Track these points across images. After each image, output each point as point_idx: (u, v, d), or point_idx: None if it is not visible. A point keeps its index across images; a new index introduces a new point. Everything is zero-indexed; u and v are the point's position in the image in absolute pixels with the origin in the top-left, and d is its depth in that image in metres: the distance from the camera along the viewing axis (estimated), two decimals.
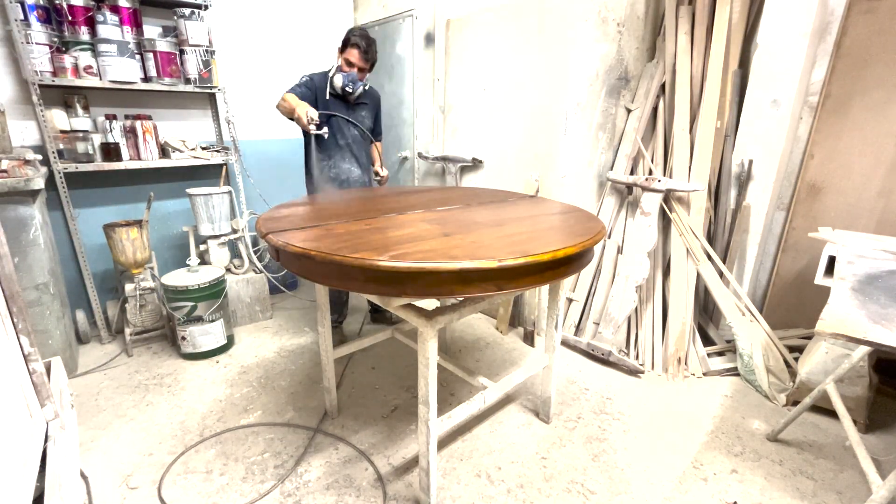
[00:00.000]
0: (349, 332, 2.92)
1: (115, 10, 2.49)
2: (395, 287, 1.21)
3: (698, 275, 2.45)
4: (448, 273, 1.15)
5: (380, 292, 1.25)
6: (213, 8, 2.92)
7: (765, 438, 1.95)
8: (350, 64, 2.34)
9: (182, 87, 2.76)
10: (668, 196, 2.53)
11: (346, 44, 2.34)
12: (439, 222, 1.61)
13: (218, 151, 3.01)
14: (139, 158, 2.72)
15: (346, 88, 2.35)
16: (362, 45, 2.30)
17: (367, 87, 2.49)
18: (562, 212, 1.85)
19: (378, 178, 2.68)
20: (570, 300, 2.78)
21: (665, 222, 2.60)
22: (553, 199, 2.37)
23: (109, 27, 2.48)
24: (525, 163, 2.76)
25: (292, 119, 2.20)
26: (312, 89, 2.36)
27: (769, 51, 2.32)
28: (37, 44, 2.32)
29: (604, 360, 2.52)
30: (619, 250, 2.67)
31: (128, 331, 2.59)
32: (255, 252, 3.14)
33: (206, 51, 2.79)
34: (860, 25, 2.16)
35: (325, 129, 2.21)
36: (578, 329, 2.76)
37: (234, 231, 2.97)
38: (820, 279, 1.75)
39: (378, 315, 3.06)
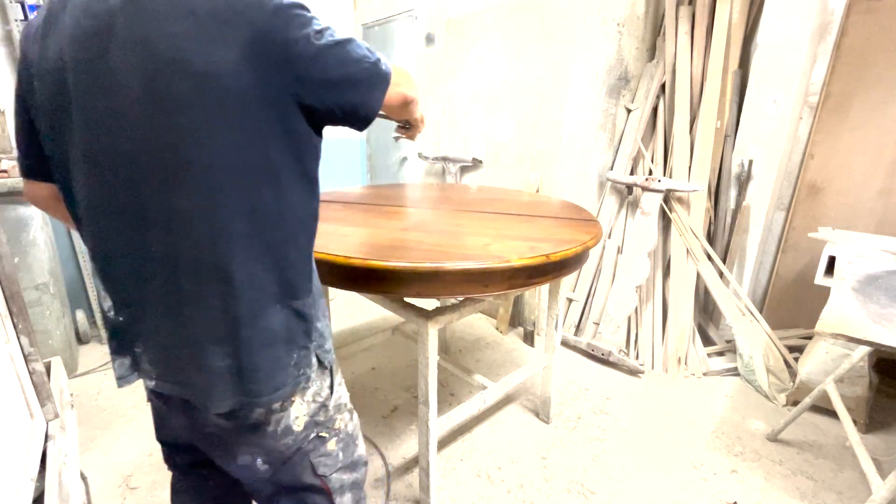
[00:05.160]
0: None
1: None
2: (395, 287, 1.21)
3: (698, 275, 2.45)
4: (449, 273, 1.15)
5: (380, 292, 1.25)
6: None
7: (765, 438, 1.94)
8: None
9: None
10: (668, 196, 2.53)
11: None
12: (439, 222, 1.61)
13: None
14: None
15: None
16: None
17: None
18: (562, 211, 1.85)
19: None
20: (570, 300, 2.78)
21: (665, 222, 2.60)
22: (553, 199, 2.36)
23: None
24: (525, 163, 2.76)
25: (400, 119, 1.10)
26: None
27: (769, 51, 2.32)
28: None
29: (604, 360, 2.52)
30: (619, 250, 2.67)
31: None
32: None
33: None
34: (860, 25, 2.16)
35: None
36: (578, 329, 2.75)
37: None
38: (820, 279, 1.76)
39: None
